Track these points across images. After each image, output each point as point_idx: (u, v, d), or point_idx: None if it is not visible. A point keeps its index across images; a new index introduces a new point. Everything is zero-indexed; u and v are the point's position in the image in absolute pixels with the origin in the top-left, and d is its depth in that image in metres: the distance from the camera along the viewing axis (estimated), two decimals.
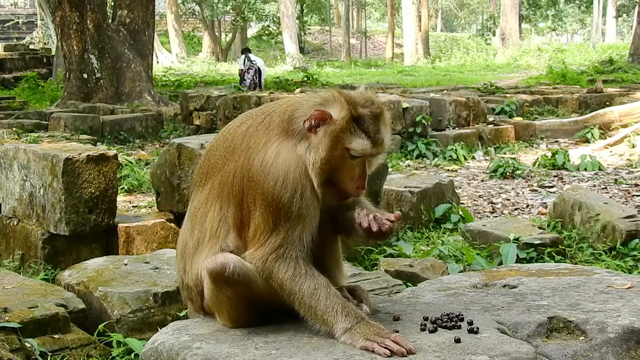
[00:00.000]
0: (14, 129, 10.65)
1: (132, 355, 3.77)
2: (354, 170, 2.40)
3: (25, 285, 4.27)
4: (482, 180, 9.77)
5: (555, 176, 9.82)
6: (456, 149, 11.38)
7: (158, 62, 33.22)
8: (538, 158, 10.70)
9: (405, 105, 11.60)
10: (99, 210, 5.53)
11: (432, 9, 54.11)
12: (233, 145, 2.50)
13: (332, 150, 2.35)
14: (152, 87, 18.77)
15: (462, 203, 7.93)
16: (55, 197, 5.41)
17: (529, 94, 16.57)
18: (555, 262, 5.14)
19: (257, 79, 19.07)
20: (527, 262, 5.02)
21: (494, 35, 46.42)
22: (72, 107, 15.74)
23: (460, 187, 9.05)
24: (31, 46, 31.31)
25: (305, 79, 21.96)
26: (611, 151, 11.64)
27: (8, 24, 39.81)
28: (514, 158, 10.61)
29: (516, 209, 8.07)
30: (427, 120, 11.76)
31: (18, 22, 40.33)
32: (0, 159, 6.02)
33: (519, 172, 9.86)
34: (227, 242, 2.46)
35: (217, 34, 45.62)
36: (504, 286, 2.89)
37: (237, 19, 42.54)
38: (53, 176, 5.42)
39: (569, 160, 10.33)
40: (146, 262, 4.60)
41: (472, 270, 4.68)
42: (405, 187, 6.93)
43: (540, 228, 6.09)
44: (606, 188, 8.96)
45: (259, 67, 19.25)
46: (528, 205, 8.19)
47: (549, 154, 10.82)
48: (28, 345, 3.58)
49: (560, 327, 2.51)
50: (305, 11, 49.17)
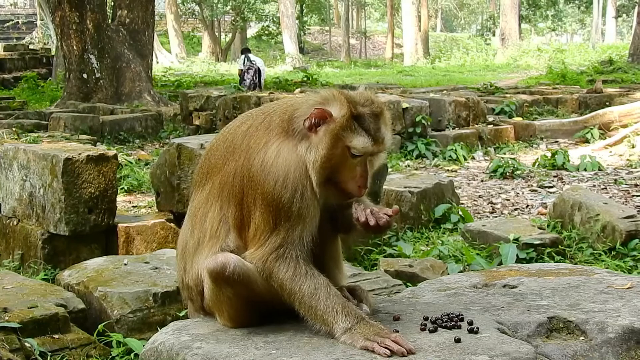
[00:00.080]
0: (14, 129, 10.65)
1: (132, 355, 3.78)
2: (356, 169, 2.40)
3: (25, 285, 4.27)
4: (482, 181, 9.77)
5: (555, 176, 9.81)
6: (456, 149, 11.38)
7: (158, 62, 33.23)
8: (538, 158, 10.69)
9: (405, 105, 11.60)
10: (99, 210, 5.53)
11: (431, 9, 54.12)
12: (233, 145, 2.50)
13: (333, 149, 2.35)
14: (152, 87, 18.77)
15: (462, 203, 7.93)
16: (55, 197, 5.40)
17: (529, 94, 16.56)
18: (555, 262, 5.14)
19: (257, 79, 19.07)
20: (527, 262, 5.02)
21: (494, 35, 46.42)
22: (71, 107, 15.74)
23: (460, 187, 9.05)
24: (31, 46, 31.29)
25: (305, 79, 21.96)
26: (611, 151, 11.64)
27: (8, 24, 39.78)
28: (514, 158, 10.61)
29: (516, 209, 8.07)
30: (427, 121, 11.76)
31: (18, 22, 40.30)
32: (0, 159, 6.02)
33: (518, 172, 9.86)
34: (227, 242, 2.46)
35: (216, 34, 45.62)
36: (504, 286, 2.89)
37: (237, 19, 42.55)
38: (53, 176, 5.42)
39: (568, 161, 10.33)
40: (146, 262, 4.60)
41: (472, 270, 4.68)
42: (405, 187, 6.94)
43: (540, 228, 6.09)
44: (606, 188, 8.96)
45: (258, 67, 19.25)
46: (528, 206, 8.19)
47: (549, 154, 10.81)
48: (28, 345, 3.58)
49: (560, 327, 2.51)
50: (305, 11, 49.17)
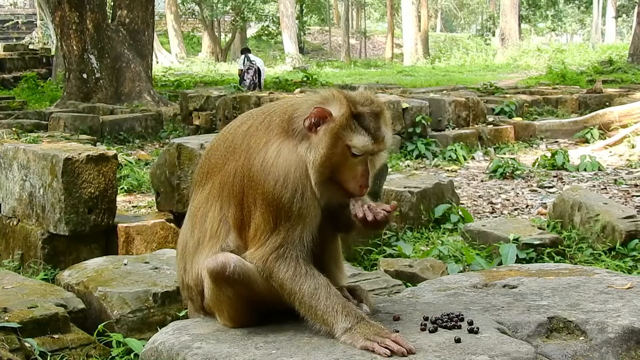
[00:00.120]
0: (14, 129, 10.65)
1: (132, 355, 3.78)
2: (356, 168, 2.40)
3: (25, 285, 4.27)
4: (482, 181, 9.77)
5: (554, 176, 9.82)
6: (456, 149, 11.38)
7: (158, 62, 33.22)
8: (538, 158, 10.69)
9: (404, 105, 11.60)
10: (99, 210, 5.53)
11: (431, 9, 54.12)
12: (233, 145, 2.50)
13: (333, 148, 2.34)
14: (152, 87, 18.77)
15: (462, 203, 7.93)
16: (55, 197, 5.40)
17: (529, 94, 16.56)
18: (555, 262, 5.14)
19: (257, 79, 19.07)
20: (526, 262, 5.02)
21: (494, 35, 46.41)
22: (71, 107, 15.74)
23: (459, 188, 9.05)
24: (31, 46, 31.29)
25: (305, 79, 21.96)
26: (611, 151, 11.64)
27: (7, 24, 39.77)
28: (514, 158, 10.61)
29: (516, 209, 8.07)
30: (427, 121, 11.76)
31: (17, 22, 40.28)
32: (0, 159, 6.02)
33: (518, 172, 9.86)
34: (227, 241, 2.46)
35: (216, 34, 45.61)
36: (504, 286, 2.89)
37: (237, 19, 42.54)
38: (53, 176, 5.42)
39: (568, 161, 10.33)
40: (146, 262, 4.60)
41: (472, 270, 4.68)
42: (404, 187, 6.94)
43: (539, 228, 6.10)
44: (606, 188, 8.96)
45: (258, 67, 19.25)
46: (528, 206, 8.19)
47: (549, 154, 10.82)
48: (28, 345, 3.58)
49: (560, 327, 2.51)
50: (304, 11, 49.17)
